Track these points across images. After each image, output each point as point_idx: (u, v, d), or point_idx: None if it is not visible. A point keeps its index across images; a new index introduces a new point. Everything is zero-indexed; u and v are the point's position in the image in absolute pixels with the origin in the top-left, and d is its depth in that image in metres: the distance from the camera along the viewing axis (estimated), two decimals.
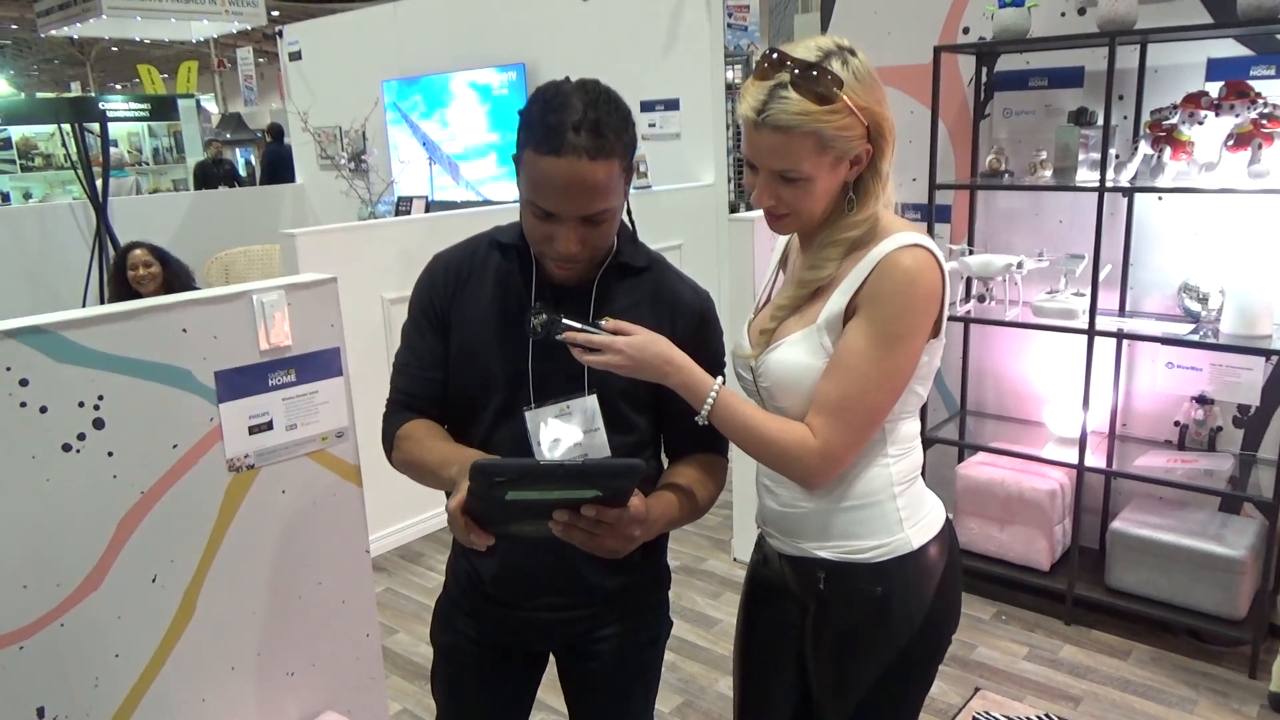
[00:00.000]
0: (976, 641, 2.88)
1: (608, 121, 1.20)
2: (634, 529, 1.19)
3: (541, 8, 5.38)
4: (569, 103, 1.20)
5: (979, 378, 3.38)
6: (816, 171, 1.23)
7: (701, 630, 3.01)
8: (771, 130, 1.21)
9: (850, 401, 1.23)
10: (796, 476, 1.29)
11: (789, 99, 1.19)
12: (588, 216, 1.24)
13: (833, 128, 1.20)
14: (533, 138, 1.21)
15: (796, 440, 1.25)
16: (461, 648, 1.50)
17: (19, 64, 22.80)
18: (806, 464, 1.25)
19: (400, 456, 1.39)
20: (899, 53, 3.28)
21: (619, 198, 1.27)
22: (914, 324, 1.24)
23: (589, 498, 1.14)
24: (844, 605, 1.36)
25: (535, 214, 1.25)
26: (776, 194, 1.27)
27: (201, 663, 1.64)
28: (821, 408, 1.25)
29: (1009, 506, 3.04)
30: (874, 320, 1.23)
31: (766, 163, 1.25)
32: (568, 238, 1.25)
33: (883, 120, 1.25)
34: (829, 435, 1.24)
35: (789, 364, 1.29)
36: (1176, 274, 2.88)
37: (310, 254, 3.20)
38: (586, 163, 1.19)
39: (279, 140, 10.29)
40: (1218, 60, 2.74)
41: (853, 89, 1.20)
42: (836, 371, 1.24)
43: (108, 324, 1.48)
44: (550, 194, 1.22)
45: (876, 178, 1.28)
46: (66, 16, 8.87)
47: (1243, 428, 2.87)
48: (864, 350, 1.23)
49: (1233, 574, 2.68)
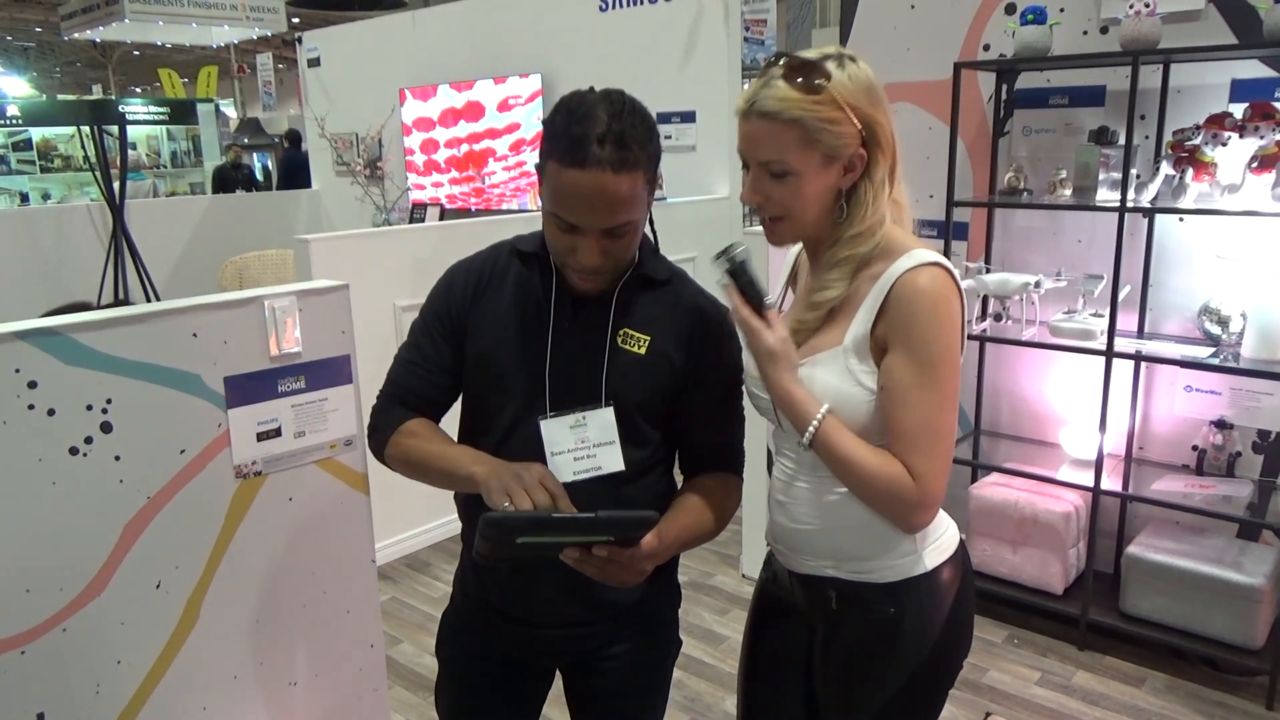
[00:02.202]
0: (988, 665, 2.84)
1: (632, 134, 1.20)
2: (646, 564, 1.20)
3: (560, 18, 5.39)
4: (594, 114, 1.19)
5: (994, 397, 3.34)
6: (804, 167, 1.23)
7: (708, 647, 2.98)
8: (758, 118, 1.23)
9: (925, 435, 1.22)
10: (898, 514, 1.25)
11: (776, 86, 1.22)
12: (610, 229, 1.23)
13: (817, 118, 1.21)
14: (557, 149, 1.20)
15: (898, 477, 1.22)
16: (467, 662, 1.48)
17: (42, 65, 23.05)
18: (910, 501, 1.22)
19: (398, 453, 1.37)
20: (918, 68, 3.27)
21: (642, 210, 1.26)
22: (947, 342, 1.23)
23: (602, 540, 1.15)
24: (855, 625, 1.34)
25: (558, 226, 1.24)
26: (765, 191, 1.27)
27: (204, 671, 1.63)
28: (902, 444, 1.23)
29: (1023, 528, 3.00)
30: (911, 350, 1.22)
31: (753, 153, 1.26)
32: (590, 250, 1.24)
33: (877, 125, 1.25)
34: (923, 471, 1.22)
35: (814, 385, 1.27)
36: (1197, 296, 2.85)
37: (324, 259, 3.21)
38: (611, 175, 1.18)
39: (296, 146, 10.34)
40: (1242, 81, 2.71)
41: (842, 85, 1.22)
42: (899, 411, 1.23)
43: (118, 327, 1.47)
44: (574, 207, 1.21)
45: (871, 186, 1.27)
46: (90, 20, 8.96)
47: (1262, 454, 2.82)
48: (915, 382, 1.21)
49: (1251, 602, 2.64)
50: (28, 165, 10.29)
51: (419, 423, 1.39)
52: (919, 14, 3.27)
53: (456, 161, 6.29)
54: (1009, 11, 3.06)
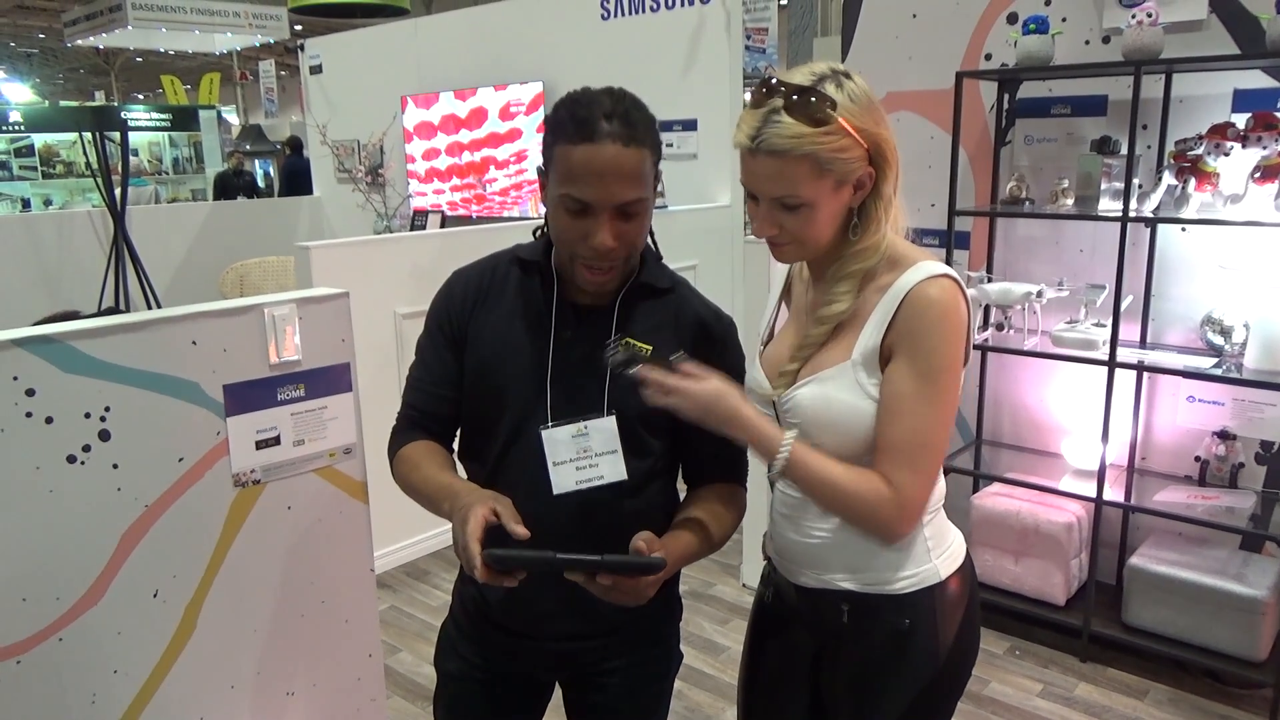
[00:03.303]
0: (989, 677, 2.82)
1: (636, 115, 1.23)
2: (650, 589, 1.19)
3: (561, 27, 5.40)
4: (597, 99, 1.22)
5: (996, 407, 3.33)
6: (817, 196, 1.21)
7: (709, 657, 2.96)
8: (767, 155, 1.20)
9: (914, 445, 1.22)
10: (878, 529, 1.26)
11: (782, 123, 1.18)
12: (622, 206, 1.22)
13: (829, 150, 1.19)
14: (564, 133, 1.21)
15: (874, 491, 1.22)
16: (466, 675, 1.47)
17: (45, 72, 23.12)
18: (888, 514, 1.23)
19: (401, 477, 1.38)
20: (920, 78, 3.27)
21: (650, 192, 1.26)
22: (953, 355, 1.22)
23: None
24: (867, 638, 1.33)
25: (569, 209, 1.23)
26: (779, 223, 1.25)
27: (200, 681, 1.61)
28: (889, 456, 1.22)
29: (1025, 539, 2.99)
30: (915, 359, 1.21)
31: (765, 190, 1.23)
32: (604, 230, 1.23)
33: (883, 142, 1.23)
34: (902, 482, 1.22)
35: (823, 400, 1.26)
36: (1199, 306, 2.84)
37: (324, 267, 3.20)
38: (621, 148, 1.19)
39: (297, 153, 10.35)
40: (1245, 91, 2.71)
41: (848, 110, 1.19)
42: (893, 418, 1.22)
43: (117, 335, 1.46)
44: (585, 181, 1.20)
45: (880, 201, 1.26)
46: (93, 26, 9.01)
47: (1265, 465, 2.81)
48: (913, 391, 1.21)
49: (1253, 614, 2.62)
50: (30, 171, 10.31)
51: (416, 447, 1.38)
52: (921, 23, 3.27)
53: (457, 169, 6.29)
54: (1011, 21, 3.05)
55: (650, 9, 4.92)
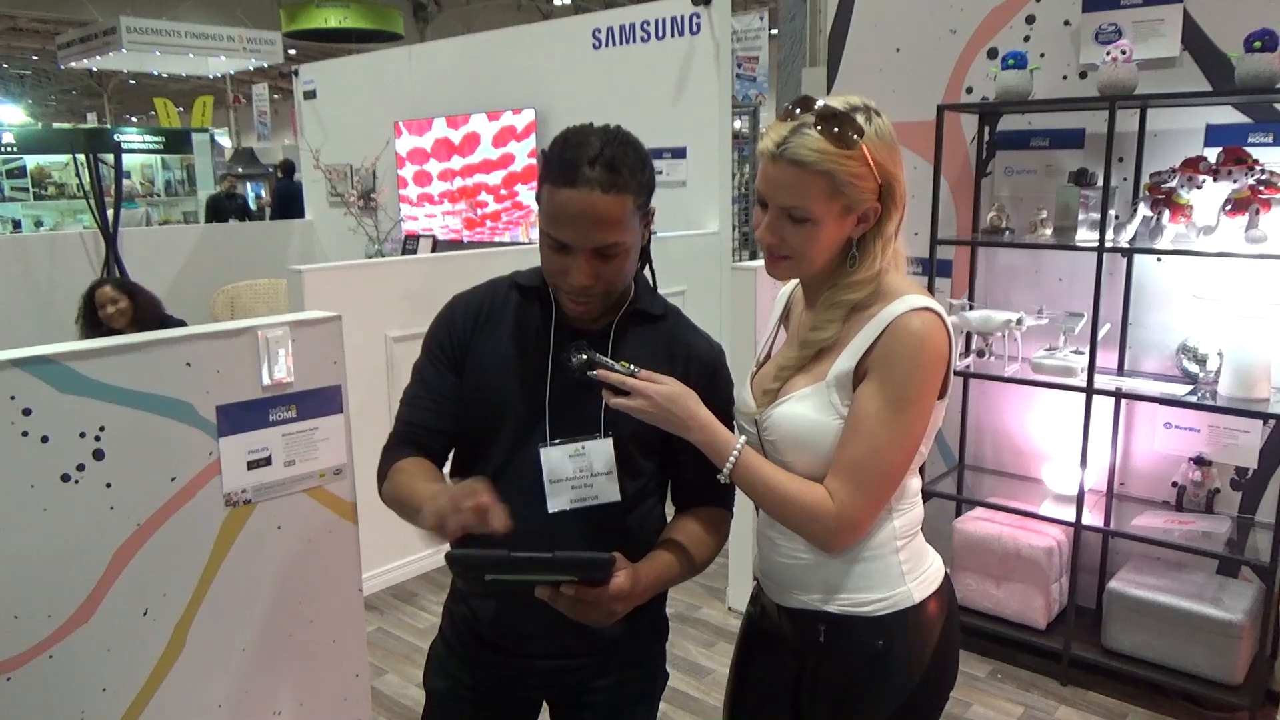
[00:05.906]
0: (971, 700, 2.85)
1: (624, 159, 1.26)
2: (616, 605, 1.23)
3: (553, 55, 5.47)
4: (588, 141, 1.26)
5: (977, 432, 3.38)
6: (824, 215, 1.26)
7: (694, 680, 2.98)
8: (788, 164, 1.24)
9: (866, 465, 1.25)
10: (816, 538, 1.30)
11: (809, 135, 1.23)
12: (599, 249, 1.27)
13: (846, 173, 1.23)
14: (551, 172, 1.26)
15: (816, 502, 1.26)
16: (454, 693, 1.49)
17: (37, 94, 23.14)
18: (825, 525, 1.27)
19: (389, 491, 1.39)
20: (903, 109, 3.33)
21: (632, 235, 1.30)
22: (924, 387, 1.26)
23: (566, 579, 1.19)
24: (844, 659, 1.36)
25: (551, 245, 1.29)
26: (781, 233, 1.29)
27: (188, 699, 1.63)
28: (839, 471, 1.27)
29: (1006, 563, 3.02)
30: (885, 384, 1.25)
31: (778, 198, 1.28)
32: (580, 270, 1.28)
33: (896, 182, 1.29)
34: (845, 498, 1.26)
35: (796, 418, 1.31)
36: (1175, 335, 2.90)
37: (316, 290, 3.23)
38: (599, 195, 1.23)
39: (290, 176, 10.41)
40: (1216, 126, 2.78)
41: (872, 142, 1.25)
42: (852, 436, 1.26)
43: (113, 356, 1.50)
44: (563, 224, 1.26)
45: (880, 239, 1.31)
46: (87, 49, 9.05)
47: (1240, 490, 2.86)
48: (876, 414, 1.25)
49: (1230, 638, 2.66)
50: (21, 193, 10.31)
51: (410, 461, 1.39)
52: (904, 57, 3.35)
53: (449, 194, 6.34)
54: (991, 56, 3.13)
55: (641, 39, 4.99)
